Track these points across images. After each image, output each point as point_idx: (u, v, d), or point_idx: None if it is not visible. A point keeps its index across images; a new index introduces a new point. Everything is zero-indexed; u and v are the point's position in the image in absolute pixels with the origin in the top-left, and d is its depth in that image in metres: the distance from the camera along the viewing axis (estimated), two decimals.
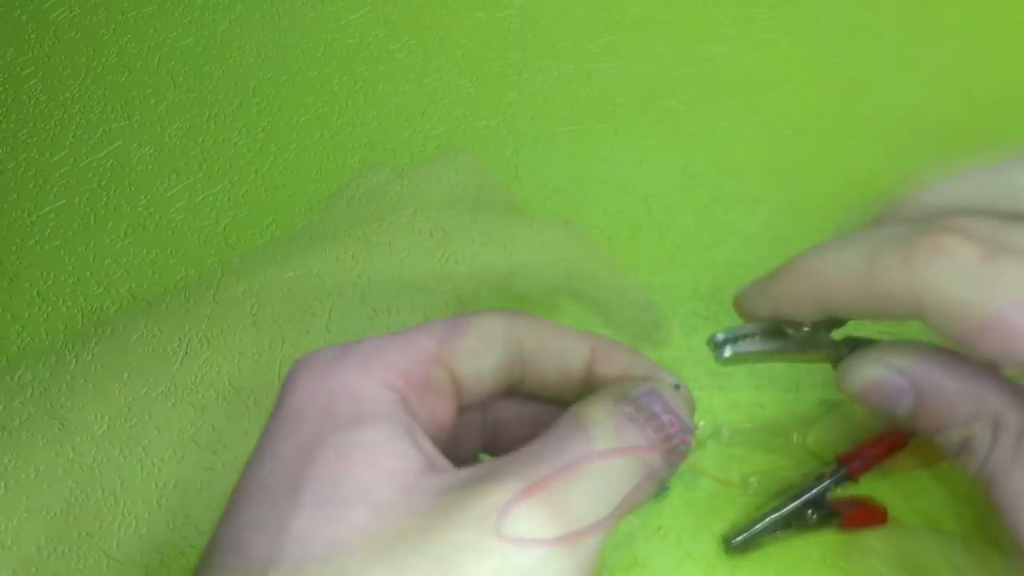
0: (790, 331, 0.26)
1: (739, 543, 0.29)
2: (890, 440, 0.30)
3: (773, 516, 0.30)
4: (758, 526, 0.30)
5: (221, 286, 0.37)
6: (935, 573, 0.26)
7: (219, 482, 0.30)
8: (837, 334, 0.27)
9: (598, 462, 0.20)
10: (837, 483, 0.30)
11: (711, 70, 0.43)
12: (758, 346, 0.26)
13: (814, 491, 0.30)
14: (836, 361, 0.26)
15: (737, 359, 0.26)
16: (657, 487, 0.23)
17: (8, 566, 0.31)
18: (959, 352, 0.24)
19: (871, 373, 0.25)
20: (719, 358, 0.26)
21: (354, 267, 0.32)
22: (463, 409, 0.24)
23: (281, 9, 0.45)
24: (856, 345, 0.26)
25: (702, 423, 0.34)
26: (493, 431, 0.26)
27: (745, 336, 0.26)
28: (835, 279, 0.23)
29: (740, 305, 0.26)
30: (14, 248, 0.39)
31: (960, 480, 0.31)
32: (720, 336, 0.26)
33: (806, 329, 0.25)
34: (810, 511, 0.29)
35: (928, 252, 0.22)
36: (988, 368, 0.23)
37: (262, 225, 0.39)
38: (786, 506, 0.30)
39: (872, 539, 0.29)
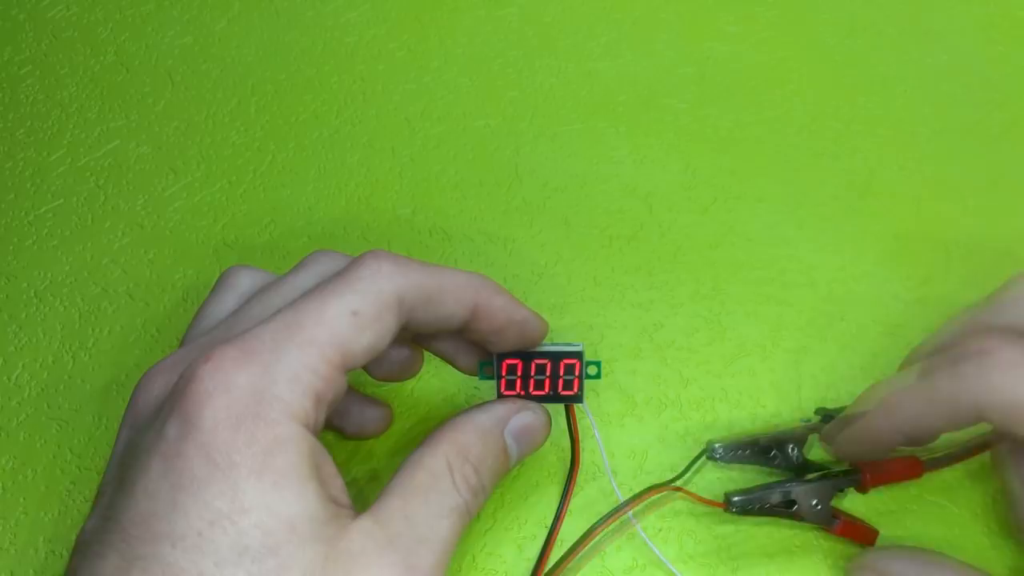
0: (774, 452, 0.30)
1: (737, 502, 0.29)
2: (909, 465, 0.30)
3: (778, 489, 0.29)
4: (759, 493, 0.29)
5: None
6: None
7: None
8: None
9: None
10: (847, 485, 0.30)
11: (712, 69, 0.42)
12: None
13: (825, 481, 0.30)
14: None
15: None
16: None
17: (6, 567, 0.31)
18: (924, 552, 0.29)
19: None
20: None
21: None
22: None
23: (280, 7, 0.45)
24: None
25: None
26: None
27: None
28: (901, 401, 0.26)
29: (825, 444, 0.30)
30: (11, 248, 0.38)
31: (946, 501, 0.32)
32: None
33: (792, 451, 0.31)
34: (815, 502, 0.29)
35: (975, 357, 0.24)
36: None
37: (260, 224, 0.39)
38: (793, 482, 0.30)
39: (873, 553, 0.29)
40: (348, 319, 0.25)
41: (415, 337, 0.31)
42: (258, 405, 0.23)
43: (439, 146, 0.41)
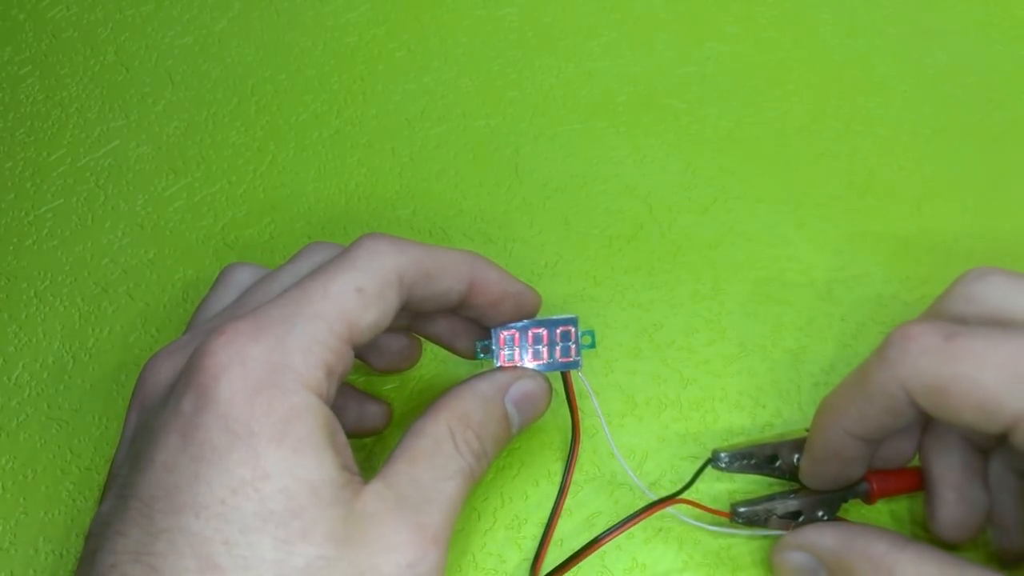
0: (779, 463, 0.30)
1: (743, 513, 0.29)
2: (914, 477, 0.30)
3: (784, 500, 0.29)
4: (765, 503, 0.29)
5: None
6: None
7: None
8: None
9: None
10: (853, 496, 0.29)
11: (712, 69, 0.43)
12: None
13: (832, 493, 0.29)
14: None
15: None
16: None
17: (6, 567, 0.31)
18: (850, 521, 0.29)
19: (784, 559, 0.28)
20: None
21: None
22: None
23: (280, 7, 0.45)
24: None
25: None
26: None
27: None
28: (845, 400, 0.26)
29: (805, 479, 0.30)
30: (11, 248, 0.38)
31: None
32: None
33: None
34: (821, 512, 0.29)
35: (898, 341, 0.25)
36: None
37: (260, 224, 0.39)
38: (799, 493, 0.30)
39: None
40: (353, 295, 0.25)
41: (412, 324, 0.31)
42: (274, 375, 0.23)
43: (439, 146, 0.41)
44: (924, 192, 0.39)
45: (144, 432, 0.25)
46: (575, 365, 0.30)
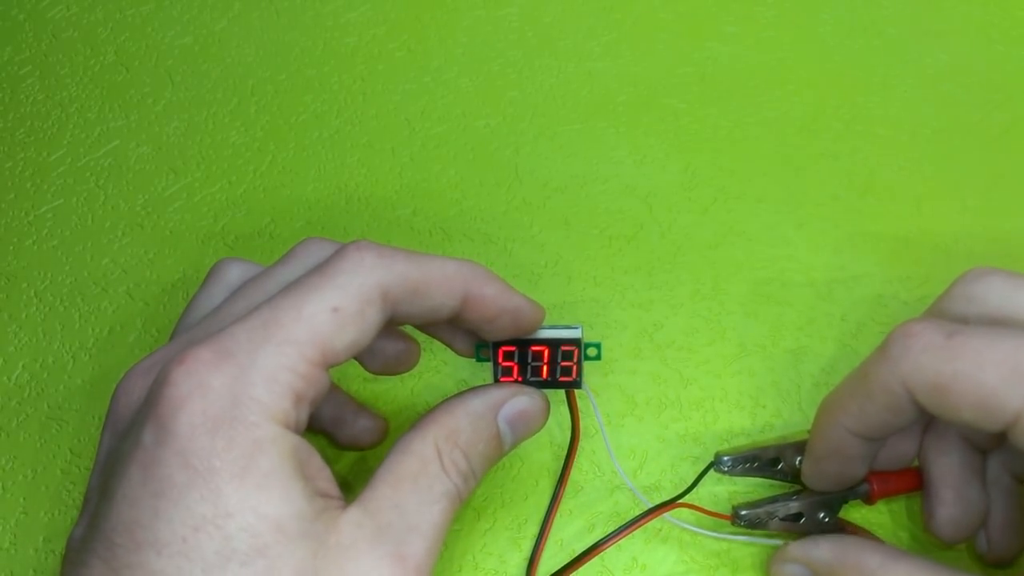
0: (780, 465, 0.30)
1: (745, 516, 0.29)
2: (915, 477, 0.30)
3: (785, 502, 0.29)
4: (767, 506, 0.29)
5: None
6: None
7: None
8: None
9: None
10: (854, 497, 0.30)
11: (712, 69, 0.43)
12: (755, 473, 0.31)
13: (833, 494, 0.29)
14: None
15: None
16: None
17: (6, 567, 0.31)
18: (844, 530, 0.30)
19: (780, 571, 0.29)
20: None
21: None
22: None
23: (280, 7, 0.45)
24: None
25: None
26: None
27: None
28: (846, 398, 0.27)
29: (807, 480, 0.30)
30: (11, 248, 0.38)
31: None
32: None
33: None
34: (822, 514, 0.29)
35: (899, 339, 0.25)
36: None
37: (260, 225, 0.39)
38: (801, 494, 0.30)
39: None
40: (328, 316, 0.24)
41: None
42: (235, 408, 0.23)
43: (439, 146, 0.41)
44: (924, 192, 0.39)
45: (113, 458, 0.24)
46: (576, 385, 0.29)
